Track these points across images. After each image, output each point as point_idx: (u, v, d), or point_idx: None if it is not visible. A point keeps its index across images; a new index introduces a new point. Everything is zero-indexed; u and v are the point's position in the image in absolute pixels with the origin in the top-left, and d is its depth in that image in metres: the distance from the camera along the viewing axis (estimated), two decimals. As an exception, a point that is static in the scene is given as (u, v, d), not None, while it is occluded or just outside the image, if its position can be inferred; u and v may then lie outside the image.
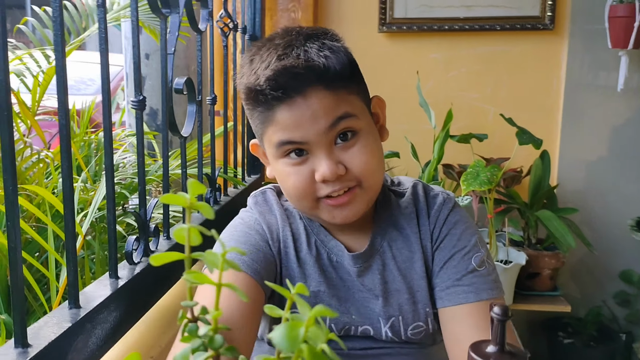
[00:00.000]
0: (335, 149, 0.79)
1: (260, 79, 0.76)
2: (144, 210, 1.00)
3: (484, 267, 0.84)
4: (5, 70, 0.61)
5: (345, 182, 0.79)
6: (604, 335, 2.24)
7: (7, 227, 0.63)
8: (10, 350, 0.65)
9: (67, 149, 0.74)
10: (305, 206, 0.83)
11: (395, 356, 0.88)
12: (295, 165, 0.80)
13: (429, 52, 2.25)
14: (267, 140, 0.82)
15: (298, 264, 0.87)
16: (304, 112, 0.76)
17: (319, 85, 0.76)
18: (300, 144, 0.78)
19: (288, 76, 0.75)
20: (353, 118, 0.79)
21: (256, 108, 0.80)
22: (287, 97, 0.76)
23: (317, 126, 0.77)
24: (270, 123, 0.79)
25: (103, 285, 0.88)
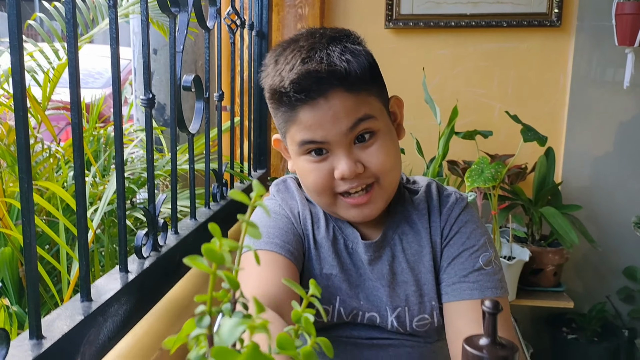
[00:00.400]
0: (354, 148, 0.83)
1: (285, 81, 0.80)
2: (152, 205, 1.03)
3: (490, 266, 0.87)
4: (21, 73, 0.63)
5: (363, 180, 0.83)
6: (608, 331, 2.26)
7: (23, 224, 0.65)
8: (25, 342, 0.68)
9: (80, 146, 0.76)
10: (324, 202, 0.88)
11: (399, 347, 0.90)
12: (316, 162, 0.84)
13: (435, 48, 2.25)
14: (290, 138, 0.86)
15: (315, 246, 0.92)
16: (325, 113, 0.80)
17: (341, 88, 0.80)
18: (321, 144, 0.82)
19: (311, 80, 0.79)
20: (372, 119, 0.82)
21: (280, 108, 0.84)
22: (310, 99, 0.80)
23: (337, 127, 0.80)
24: (293, 122, 0.83)
25: (113, 278, 0.90)
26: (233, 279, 0.35)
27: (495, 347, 0.49)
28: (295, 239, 0.90)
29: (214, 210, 1.39)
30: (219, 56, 1.56)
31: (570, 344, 2.20)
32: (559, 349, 2.23)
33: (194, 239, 1.21)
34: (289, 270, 0.85)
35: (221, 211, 1.43)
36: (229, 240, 0.37)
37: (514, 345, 0.50)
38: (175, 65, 1.11)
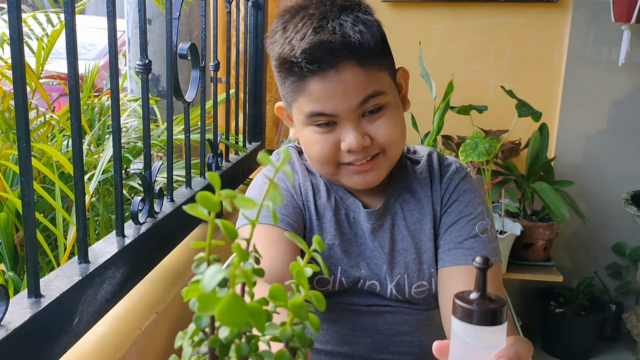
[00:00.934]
0: (362, 121, 0.82)
1: (296, 50, 0.78)
2: (149, 172, 1.03)
3: (486, 234, 0.88)
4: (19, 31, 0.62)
5: (369, 152, 0.83)
6: (595, 306, 2.30)
7: (21, 183, 0.66)
8: (24, 300, 0.68)
9: (77, 107, 0.76)
10: (327, 171, 0.87)
11: (396, 314, 0.92)
12: (322, 133, 0.83)
13: (432, 22, 2.24)
14: (297, 109, 0.85)
15: (317, 217, 0.92)
16: (336, 87, 0.79)
17: (353, 61, 0.79)
18: (330, 117, 0.82)
19: (324, 51, 0.77)
20: (382, 95, 0.82)
21: (288, 77, 0.83)
22: (321, 71, 0.79)
23: (347, 102, 0.80)
24: (301, 93, 0.82)
25: (110, 242, 0.91)
26: (230, 228, 0.36)
27: (485, 301, 0.51)
28: (295, 212, 0.90)
29: (209, 180, 1.40)
30: (215, 27, 1.55)
31: (557, 318, 2.24)
32: (546, 322, 2.28)
33: (190, 207, 1.21)
34: (288, 243, 0.85)
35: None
36: (227, 190, 0.37)
37: (502, 300, 0.52)
38: (172, 32, 1.10)
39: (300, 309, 0.33)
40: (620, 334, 2.37)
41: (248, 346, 0.33)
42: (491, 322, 0.51)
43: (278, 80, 0.87)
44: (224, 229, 0.34)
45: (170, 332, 1.00)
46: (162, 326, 0.96)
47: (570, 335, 2.24)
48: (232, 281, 0.30)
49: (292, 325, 0.35)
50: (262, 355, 0.34)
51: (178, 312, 1.05)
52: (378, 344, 0.91)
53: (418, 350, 0.92)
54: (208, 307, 0.30)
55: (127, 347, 0.84)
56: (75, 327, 0.74)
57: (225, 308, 0.28)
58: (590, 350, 2.28)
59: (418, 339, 0.92)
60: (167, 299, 1.01)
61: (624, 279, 2.34)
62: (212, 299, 0.30)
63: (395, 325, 0.92)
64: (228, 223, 0.35)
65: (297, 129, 0.89)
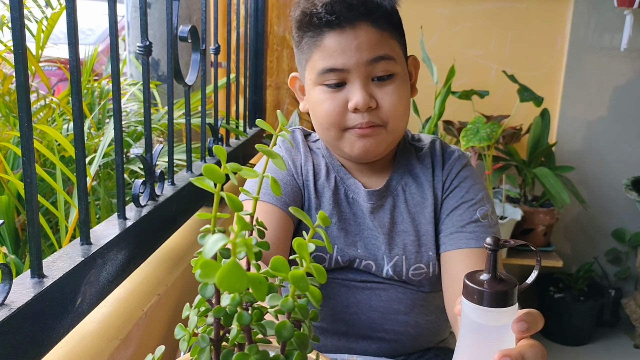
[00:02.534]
0: (371, 84, 0.85)
1: (317, 4, 0.84)
2: (149, 155, 1.03)
3: (487, 219, 0.89)
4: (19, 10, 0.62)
5: (373, 118, 0.84)
6: (594, 291, 2.31)
7: (23, 163, 0.66)
8: (27, 280, 0.69)
9: (78, 88, 0.76)
10: (331, 135, 0.88)
11: (390, 292, 0.92)
12: (331, 92, 0.86)
13: (434, 7, 2.23)
14: (311, 67, 0.87)
15: (315, 195, 0.94)
16: (350, 42, 0.82)
17: (368, 21, 0.83)
18: (341, 72, 0.84)
19: (343, 4, 0.82)
20: (392, 61, 0.85)
21: (306, 33, 0.86)
22: (338, 25, 0.83)
23: (359, 56, 0.83)
24: (317, 48, 0.85)
25: (112, 225, 0.91)
26: (234, 200, 0.36)
27: (496, 282, 0.51)
28: (293, 191, 0.92)
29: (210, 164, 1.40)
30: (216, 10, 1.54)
31: (557, 303, 2.25)
32: (546, 307, 2.29)
33: (190, 190, 1.21)
34: (283, 221, 0.87)
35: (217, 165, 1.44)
36: (233, 163, 0.37)
37: (513, 280, 0.52)
38: (172, 14, 1.10)
39: (300, 281, 0.34)
40: (619, 319, 2.38)
41: (249, 315, 0.33)
42: (502, 304, 0.51)
43: (296, 44, 0.90)
44: (228, 202, 0.34)
45: (171, 314, 1.00)
46: (163, 308, 0.97)
47: (570, 321, 2.26)
48: (233, 249, 0.30)
49: (294, 297, 0.35)
50: (264, 325, 0.35)
51: (179, 294, 1.05)
52: (373, 321, 0.92)
53: (414, 331, 0.93)
54: (210, 274, 0.30)
55: (129, 327, 0.84)
56: (78, 308, 0.75)
57: (225, 274, 0.29)
58: (589, 335, 2.30)
59: (414, 319, 0.93)
60: (169, 282, 1.01)
61: (624, 265, 2.35)
62: (214, 266, 0.30)
63: (390, 304, 0.93)
64: (233, 195, 0.36)
65: (308, 93, 0.91)
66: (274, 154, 0.44)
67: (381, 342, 0.93)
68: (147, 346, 0.89)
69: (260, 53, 2.03)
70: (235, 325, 0.34)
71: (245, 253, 0.31)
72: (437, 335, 0.97)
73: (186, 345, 0.37)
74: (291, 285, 0.35)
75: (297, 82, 0.96)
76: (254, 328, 0.35)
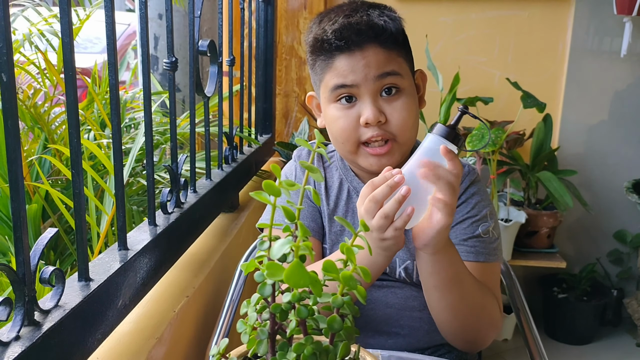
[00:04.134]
0: (380, 100, 0.92)
1: (328, 31, 0.91)
2: (175, 164, 1.09)
3: (488, 235, 0.96)
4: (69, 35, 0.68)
5: (383, 131, 0.91)
6: (597, 291, 2.36)
7: (72, 175, 0.71)
8: (75, 283, 0.74)
9: (116, 103, 0.82)
10: (347, 150, 0.95)
11: (405, 290, 0.98)
12: (344, 109, 0.93)
13: (438, 15, 2.29)
14: (324, 86, 0.95)
15: (328, 206, 1.02)
16: (359, 61, 0.90)
17: (376, 43, 0.91)
18: (351, 88, 0.91)
19: (351, 30, 0.90)
20: (399, 76, 0.92)
21: (319, 57, 0.94)
22: (347, 49, 0.90)
23: (367, 71, 0.90)
24: (329, 69, 0.93)
25: (143, 231, 0.97)
26: (289, 211, 0.42)
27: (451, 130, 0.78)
28: (313, 211, 1.01)
29: (226, 172, 1.46)
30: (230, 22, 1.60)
31: (561, 303, 2.31)
32: (550, 308, 2.35)
33: (211, 198, 1.27)
34: (313, 245, 0.94)
35: (233, 172, 1.50)
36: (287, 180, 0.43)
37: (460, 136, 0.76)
38: (194, 30, 1.16)
39: (350, 280, 0.39)
40: (621, 319, 2.43)
41: (306, 309, 0.39)
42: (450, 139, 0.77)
43: (310, 66, 0.98)
44: (285, 213, 0.40)
45: (199, 314, 1.06)
46: (192, 308, 1.03)
47: (573, 320, 2.31)
48: (296, 252, 0.36)
49: (342, 295, 0.41)
50: (317, 319, 0.40)
51: (206, 295, 1.11)
52: (389, 317, 0.98)
53: (428, 327, 0.98)
54: (276, 273, 0.36)
55: (163, 327, 0.90)
56: (119, 309, 0.81)
57: (291, 272, 0.34)
58: (593, 334, 2.35)
59: (428, 316, 0.98)
60: (196, 284, 1.07)
61: (625, 265, 2.41)
62: (279, 267, 0.36)
63: (405, 301, 0.98)
64: (287, 208, 0.41)
65: (324, 111, 0.98)
66: (314, 168, 0.50)
67: (397, 337, 0.98)
68: (180, 344, 0.95)
69: (269, 62, 2.09)
70: (293, 319, 0.40)
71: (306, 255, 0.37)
72: None
73: (247, 338, 0.43)
74: (339, 285, 0.41)
75: (314, 100, 1.03)
76: (309, 322, 0.41)
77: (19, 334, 0.61)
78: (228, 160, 1.52)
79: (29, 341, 0.61)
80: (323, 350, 0.40)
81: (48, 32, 1.57)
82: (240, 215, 1.57)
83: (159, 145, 1.62)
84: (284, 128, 2.35)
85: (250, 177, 1.74)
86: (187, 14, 1.21)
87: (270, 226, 0.42)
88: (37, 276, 0.67)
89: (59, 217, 1.36)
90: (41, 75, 1.56)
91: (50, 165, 1.46)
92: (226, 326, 1.04)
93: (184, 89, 2.16)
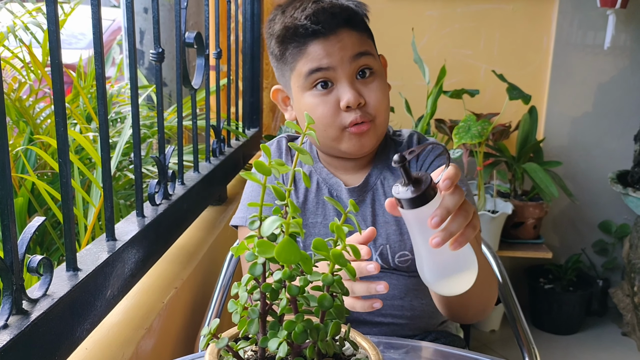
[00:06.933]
0: (356, 83, 0.91)
1: (300, 17, 0.90)
2: (163, 156, 1.08)
3: None
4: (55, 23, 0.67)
5: (363, 113, 0.91)
6: (582, 281, 2.40)
7: (59, 164, 0.71)
8: (63, 273, 0.74)
9: (103, 97, 0.81)
10: (329, 136, 0.94)
11: (383, 279, 0.97)
12: (322, 95, 0.91)
13: (424, 9, 2.30)
14: (297, 74, 0.93)
15: (297, 199, 1.00)
16: (333, 45, 0.90)
17: (348, 26, 0.91)
18: (327, 71, 0.90)
19: (326, 14, 0.90)
20: (372, 57, 0.93)
21: (290, 44, 0.92)
22: (322, 34, 0.89)
23: (342, 54, 0.90)
24: (302, 56, 0.91)
25: (131, 222, 0.96)
26: (279, 191, 0.42)
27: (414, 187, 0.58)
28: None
29: (214, 165, 1.45)
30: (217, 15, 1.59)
31: (547, 293, 2.33)
32: (536, 298, 2.37)
33: (199, 190, 1.27)
34: None
35: (221, 165, 1.49)
36: (277, 160, 0.43)
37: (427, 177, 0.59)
38: (180, 22, 1.15)
39: (340, 257, 0.40)
40: (607, 309, 2.47)
41: (297, 287, 0.39)
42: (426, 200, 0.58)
43: (277, 57, 0.95)
44: (275, 193, 0.40)
45: (188, 305, 1.06)
46: (181, 300, 1.03)
47: (560, 310, 2.34)
48: (286, 229, 0.36)
49: (332, 273, 0.41)
50: (307, 298, 0.41)
51: (194, 287, 1.11)
52: None
53: (410, 314, 0.99)
54: (266, 251, 0.36)
55: (152, 318, 0.90)
56: (107, 299, 0.80)
57: (281, 248, 0.35)
58: (579, 324, 2.38)
59: (410, 303, 0.99)
60: (184, 276, 1.07)
61: (610, 256, 2.44)
62: (269, 245, 0.36)
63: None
64: (276, 188, 0.42)
65: (296, 101, 0.96)
66: (303, 150, 0.50)
67: (380, 326, 0.99)
68: (169, 335, 0.95)
69: (256, 56, 2.09)
70: (284, 297, 0.40)
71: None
72: (433, 317, 1.03)
73: (239, 318, 0.43)
74: (330, 264, 0.41)
75: (280, 93, 1.01)
76: (299, 300, 0.41)
77: (7, 323, 0.61)
78: (216, 153, 1.52)
79: (17, 329, 0.60)
80: (314, 328, 0.41)
81: (32, 25, 1.55)
82: (228, 208, 1.57)
83: (146, 138, 1.62)
84: (271, 122, 2.35)
85: (238, 171, 1.74)
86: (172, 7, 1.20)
87: (261, 206, 0.42)
88: (24, 266, 0.66)
89: (46, 211, 1.35)
90: (26, 69, 1.54)
91: (36, 160, 1.44)
92: (218, 308, 1.03)
93: (171, 83, 2.15)
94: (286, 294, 0.40)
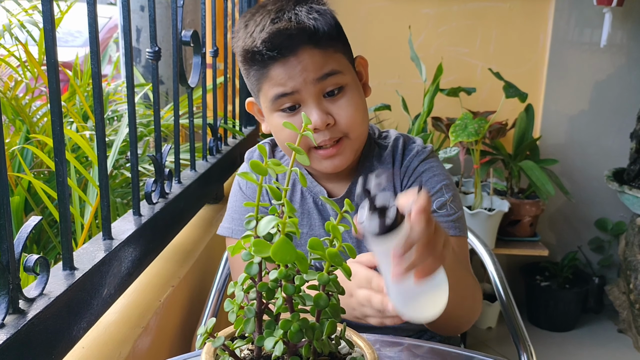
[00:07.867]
0: (324, 102, 0.87)
1: (257, 41, 0.85)
2: (160, 154, 1.08)
3: (444, 209, 0.93)
4: (51, 22, 0.67)
5: (333, 133, 0.88)
6: (578, 279, 2.40)
7: (56, 163, 0.71)
8: (60, 272, 0.74)
9: (99, 95, 0.81)
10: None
11: None
12: (289, 117, 0.88)
13: (420, 7, 2.30)
14: (263, 96, 0.90)
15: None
16: (295, 67, 0.85)
17: (309, 45, 0.85)
18: (292, 95, 0.86)
19: (282, 37, 0.84)
20: (340, 74, 0.87)
21: (252, 67, 0.88)
22: (281, 57, 0.85)
23: (305, 75, 0.85)
24: (265, 79, 0.88)
25: (128, 221, 0.96)
26: (275, 191, 0.42)
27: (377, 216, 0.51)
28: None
29: (211, 163, 1.45)
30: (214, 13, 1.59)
31: (543, 291, 2.34)
32: (532, 296, 2.38)
33: (195, 189, 1.27)
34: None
35: (218, 164, 1.49)
36: (274, 160, 0.43)
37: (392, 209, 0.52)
38: (177, 20, 1.15)
39: (335, 257, 0.40)
40: (603, 306, 2.48)
41: (293, 286, 0.40)
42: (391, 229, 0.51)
43: (244, 74, 0.92)
44: (271, 192, 0.41)
45: (185, 304, 1.06)
46: (177, 298, 1.03)
47: (556, 308, 2.35)
48: (282, 228, 0.36)
49: (328, 272, 0.42)
50: (303, 297, 0.41)
51: (191, 285, 1.11)
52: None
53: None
54: (262, 250, 0.36)
55: (149, 316, 0.90)
56: (104, 298, 0.80)
57: (278, 247, 0.35)
58: (575, 321, 2.39)
59: None
60: (181, 274, 1.07)
61: (607, 253, 2.45)
62: (265, 244, 0.36)
63: None
64: (272, 187, 0.42)
65: (267, 118, 0.94)
66: (299, 149, 0.50)
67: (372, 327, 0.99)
68: (166, 334, 0.95)
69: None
70: (280, 297, 0.40)
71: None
72: None
73: (235, 317, 0.43)
74: (325, 263, 0.42)
75: (254, 106, 0.98)
76: (295, 299, 0.41)
77: (4, 322, 0.61)
78: (212, 152, 1.52)
79: (14, 329, 0.60)
80: (309, 327, 0.41)
81: (28, 23, 1.55)
82: (225, 206, 1.57)
83: (143, 137, 1.61)
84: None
85: (235, 169, 1.74)
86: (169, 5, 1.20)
87: (257, 205, 0.42)
88: (21, 265, 0.66)
89: (42, 210, 1.34)
90: (22, 67, 1.54)
91: (32, 159, 1.44)
92: (214, 307, 1.03)
93: (167, 81, 2.15)
94: (282, 293, 0.40)
